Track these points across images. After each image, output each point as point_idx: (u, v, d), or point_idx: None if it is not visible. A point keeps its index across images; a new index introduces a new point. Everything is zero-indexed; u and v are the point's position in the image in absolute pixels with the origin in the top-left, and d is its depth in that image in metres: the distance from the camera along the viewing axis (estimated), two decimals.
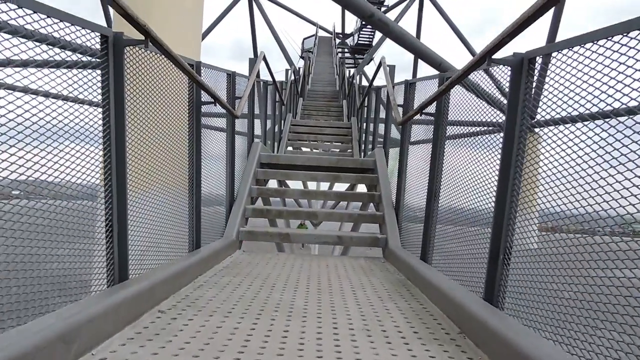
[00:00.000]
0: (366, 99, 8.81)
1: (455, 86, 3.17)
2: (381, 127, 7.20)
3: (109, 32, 2.32)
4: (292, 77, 11.92)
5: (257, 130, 7.17)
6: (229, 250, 4.32)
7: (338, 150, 10.80)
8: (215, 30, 22.94)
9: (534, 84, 2.39)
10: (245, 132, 6.17)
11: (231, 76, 4.97)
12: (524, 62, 2.33)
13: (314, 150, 10.20)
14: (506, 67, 2.46)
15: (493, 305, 2.29)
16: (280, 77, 12.09)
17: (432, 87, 4.21)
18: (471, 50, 24.41)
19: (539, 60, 2.35)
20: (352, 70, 22.41)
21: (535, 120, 2.39)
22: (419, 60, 26.38)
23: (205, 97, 3.78)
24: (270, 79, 7.76)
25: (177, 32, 6.69)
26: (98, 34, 2.26)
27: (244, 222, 5.04)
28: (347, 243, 5.30)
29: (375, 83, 8.07)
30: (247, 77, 5.72)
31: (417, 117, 4.02)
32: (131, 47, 2.48)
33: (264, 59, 6.32)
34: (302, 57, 26.78)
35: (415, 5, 24.93)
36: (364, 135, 9.01)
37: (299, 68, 16.58)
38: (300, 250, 17.67)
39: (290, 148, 9.69)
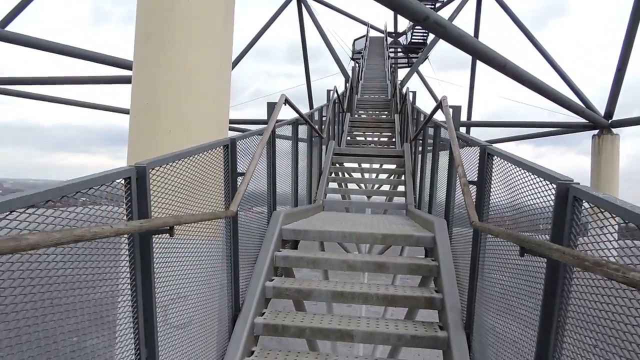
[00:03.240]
0: (422, 131, 6.95)
1: None
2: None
3: None
4: (335, 97, 10.18)
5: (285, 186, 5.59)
6: None
7: (388, 186, 9.01)
8: (269, 32, 21.55)
9: None
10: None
11: (228, 147, 3.43)
12: None
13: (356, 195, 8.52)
14: None
15: None
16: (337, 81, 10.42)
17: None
18: (537, 45, 21.49)
19: None
20: (407, 72, 20.32)
21: None
22: (477, 61, 23.79)
23: None
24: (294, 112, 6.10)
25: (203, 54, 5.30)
26: None
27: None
28: None
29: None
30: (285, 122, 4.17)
31: None
32: None
33: (287, 101, 4.70)
34: (352, 59, 24.92)
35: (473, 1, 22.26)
36: (417, 174, 7.19)
37: (348, 77, 14.80)
38: None
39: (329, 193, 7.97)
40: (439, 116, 5.89)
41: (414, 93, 10.42)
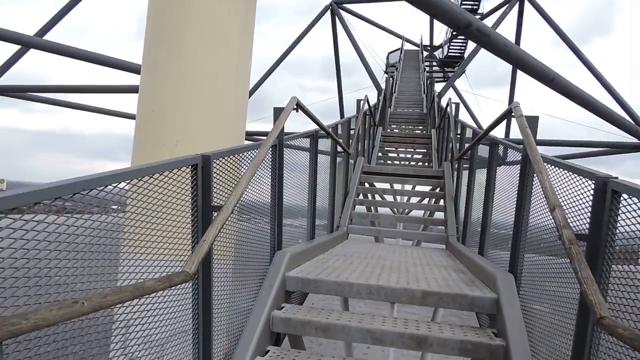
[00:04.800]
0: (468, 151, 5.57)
1: None
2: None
3: None
4: (366, 108, 8.89)
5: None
6: None
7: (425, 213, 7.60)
8: (305, 46, 20.72)
9: None
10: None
11: (198, 168, 2.22)
12: None
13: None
14: None
15: None
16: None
17: None
18: (583, 59, 19.61)
19: None
20: (443, 87, 18.83)
21: None
22: (517, 74, 22.04)
23: None
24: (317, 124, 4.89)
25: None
26: None
27: None
28: None
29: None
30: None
31: None
32: None
33: (298, 105, 3.46)
34: (386, 72, 23.63)
35: (514, 11, 20.62)
36: (461, 199, 5.81)
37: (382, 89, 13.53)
38: None
39: (353, 223, 6.65)
40: (495, 131, 4.54)
41: (457, 105, 9.01)
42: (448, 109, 8.18)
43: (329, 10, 21.22)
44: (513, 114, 3.18)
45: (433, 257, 5.12)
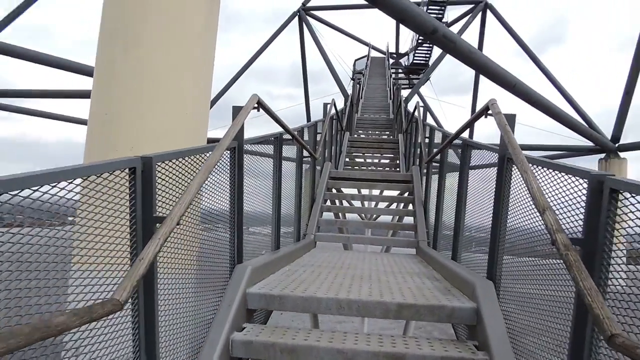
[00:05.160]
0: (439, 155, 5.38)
1: None
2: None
3: None
4: (333, 112, 8.65)
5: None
6: None
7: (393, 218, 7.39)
8: (274, 54, 20.45)
9: None
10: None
11: (136, 173, 1.86)
12: None
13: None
14: None
15: None
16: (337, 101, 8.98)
17: None
18: (542, 67, 20.21)
19: None
20: (408, 94, 18.91)
21: None
22: (480, 81, 22.50)
23: None
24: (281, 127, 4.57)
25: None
26: None
27: None
28: None
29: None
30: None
31: None
32: None
33: (259, 104, 3.12)
34: (353, 79, 23.62)
35: (477, 21, 21.07)
36: (431, 204, 5.62)
37: (348, 96, 13.37)
38: None
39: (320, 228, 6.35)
40: (465, 132, 4.37)
41: (424, 109, 8.88)
42: (416, 112, 8.04)
43: (296, 17, 21.04)
44: (490, 111, 2.98)
45: (404, 264, 4.88)
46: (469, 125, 3.75)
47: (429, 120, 21.42)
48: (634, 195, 1.57)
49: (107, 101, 4.65)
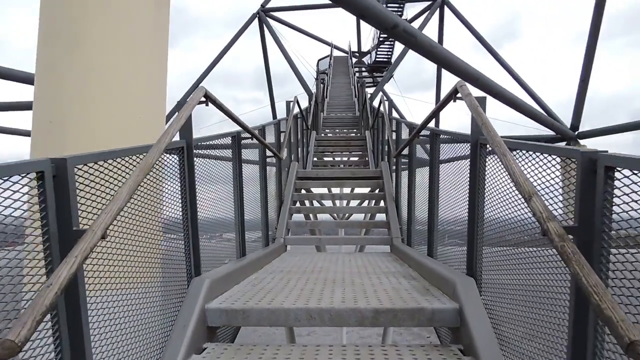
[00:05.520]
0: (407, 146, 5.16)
1: None
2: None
3: None
4: (297, 110, 8.35)
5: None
6: None
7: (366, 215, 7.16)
8: (237, 58, 19.91)
9: None
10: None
11: (45, 177, 1.51)
12: None
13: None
14: None
15: None
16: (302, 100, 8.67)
17: None
18: (501, 61, 20.58)
19: None
20: (372, 91, 18.83)
21: None
22: (442, 76, 22.74)
23: None
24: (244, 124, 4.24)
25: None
26: None
27: None
28: None
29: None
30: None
31: None
32: None
33: (207, 97, 2.78)
34: (317, 79, 23.41)
35: (435, 17, 21.25)
36: (402, 199, 5.41)
37: (313, 94, 13.10)
38: None
39: (290, 233, 6.03)
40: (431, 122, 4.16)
41: (390, 103, 8.71)
42: (381, 107, 7.84)
43: (256, 19, 20.62)
44: (459, 94, 2.75)
45: (379, 263, 4.63)
46: (437, 112, 3.54)
47: (395, 116, 21.46)
48: (635, 172, 1.34)
49: (51, 107, 4.24)
